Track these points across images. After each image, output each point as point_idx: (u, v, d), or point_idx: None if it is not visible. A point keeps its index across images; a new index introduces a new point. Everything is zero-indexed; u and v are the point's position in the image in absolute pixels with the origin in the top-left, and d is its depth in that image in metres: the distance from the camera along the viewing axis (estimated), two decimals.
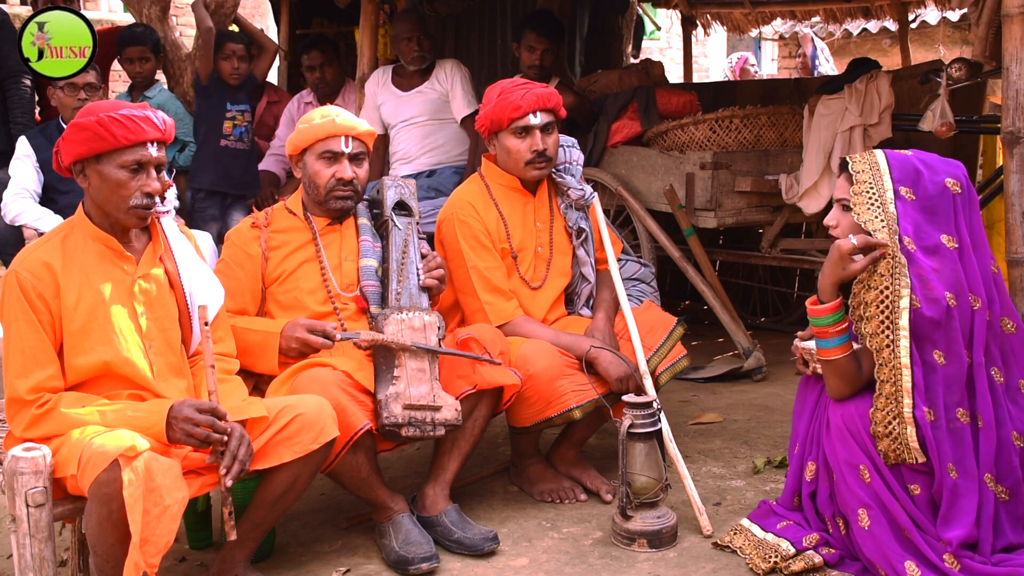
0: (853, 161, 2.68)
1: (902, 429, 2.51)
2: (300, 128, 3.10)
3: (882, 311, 2.55)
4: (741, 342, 4.69)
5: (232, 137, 5.00)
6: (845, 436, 2.60)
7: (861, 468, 2.57)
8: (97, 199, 2.57)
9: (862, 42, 10.31)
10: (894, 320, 2.54)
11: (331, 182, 3.06)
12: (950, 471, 2.51)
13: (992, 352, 2.61)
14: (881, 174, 2.63)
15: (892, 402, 2.53)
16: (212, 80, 4.95)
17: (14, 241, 4.54)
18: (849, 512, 2.61)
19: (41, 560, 2.34)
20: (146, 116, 2.55)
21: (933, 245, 2.58)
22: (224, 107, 4.97)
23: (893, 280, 2.55)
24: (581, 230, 3.46)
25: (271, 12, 7.92)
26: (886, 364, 2.55)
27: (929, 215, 2.60)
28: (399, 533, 2.90)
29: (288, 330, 2.95)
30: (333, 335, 2.92)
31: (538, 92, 3.30)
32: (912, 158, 2.66)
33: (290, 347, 2.95)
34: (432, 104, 4.97)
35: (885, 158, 2.65)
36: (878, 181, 2.62)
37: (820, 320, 2.64)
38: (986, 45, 3.67)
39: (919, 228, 2.59)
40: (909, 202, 2.60)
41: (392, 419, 2.81)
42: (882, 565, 2.54)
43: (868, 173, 2.64)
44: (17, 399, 2.46)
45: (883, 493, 2.55)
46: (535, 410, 3.16)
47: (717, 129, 4.61)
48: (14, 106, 4.89)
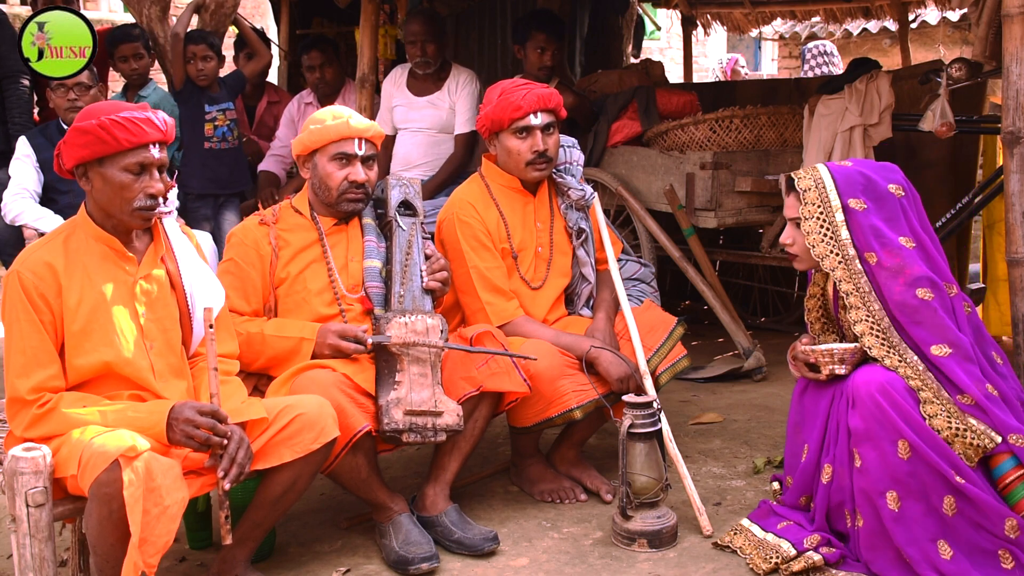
0: (798, 178, 2.77)
1: (962, 422, 2.53)
2: (312, 129, 3.06)
3: (877, 336, 2.65)
4: (741, 342, 4.69)
5: (215, 138, 4.97)
6: (881, 410, 2.58)
7: (900, 443, 2.56)
8: (100, 201, 2.57)
9: (862, 42, 10.31)
10: (890, 339, 2.64)
11: (344, 184, 3.04)
12: (1016, 440, 2.55)
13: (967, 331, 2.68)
14: (827, 191, 2.72)
15: (938, 403, 2.56)
16: (186, 85, 4.94)
17: (14, 241, 4.53)
18: (875, 497, 2.58)
19: (41, 560, 2.34)
20: (147, 118, 2.54)
21: (895, 247, 2.66)
22: (202, 110, 4.94)
23: (868, 307, 2.66)
24: (581, 230, 3.46)
25: (271, 12, 7.92)
26: (910, 377, 2.60)
27: (885, 220, 2.68)
28: (399, 533, 2.90)
29: (320, 336, 2.94)
30: (365, 340, 2.91)
31: (539, 93, 3.30)
32: (855, 168, 2.75)
33: (322, 353, 2.94)
34: (441, 119, 4.95)
35: (829, 173, 2.74)
36: (825, 200, 2.72)
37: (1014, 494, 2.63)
38: (986, 45, 3.67)
39: (881, 234, 2.67)
40: (861, 212, 2.68)
41: (393, 425, 2.80)
42: (911, 550, 2.52)
43: (814, 192, 2.74)
44: (18, 399, 2.45)
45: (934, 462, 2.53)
46: (536, 410, 3.16)
47: (717, 129, 4.61)
48: (13, 106, 4.88)
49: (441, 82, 4.98)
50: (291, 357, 2.95)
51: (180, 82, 4.92)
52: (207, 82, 4.95)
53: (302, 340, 2.95)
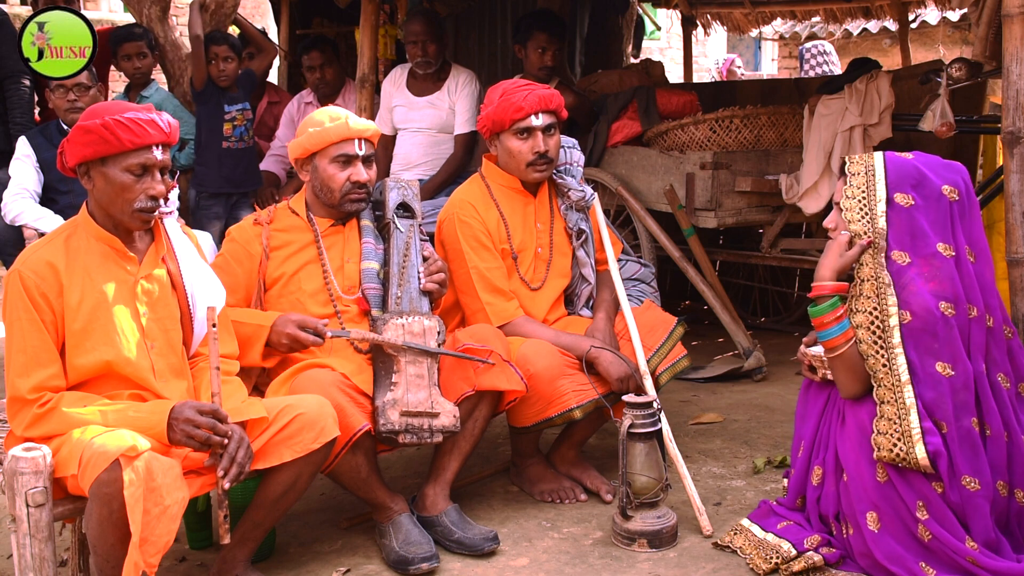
0: (850, 163, 2.68)
1: (909, 448, 2.47)
2: (311, 132, 3.04)
3: (873, 332, 2.56)
4: (741, 342, 4.70)
5: (233, 138, 5.01)
6: (862, 438, 2.58)
7: (878, 468, 2.54)
8: (101, 201, 2.57)
9: (862, 42, 10.31)
10: (887, 339, 2.54)
11: (347, 185, 3.04)
12: (968, 483, 2.48)
13: (996, 357, 2.59)
14: (875, 180, 2.62)
15: (896, 423, 2.50)
16: (206, 85, 4.96)
17: (14, 241, 4.54)
18: (857, 514, 2.59)
19: (41, 560, 2.34)
20: (151, 119, 2.55)
21: (930, 253, 2.57)
22: (222, 109, 4.97)
23: (880, 300, 2.56)
24: (581, 231, 3.46)
25: (271, 12, 7.92)
26: (884, 384, 2.54)
27: (929, 221, 2.59)
28: (399, 533, 2.90)
29: (279, 324, 2.92)
30: (323, 332, 2.91)
31: (540, 94, 3.30)
32: (913, 162, 2.64)
33: (280, 342, 2.92)
34: (440, 119, 4.95)
35: (883, 162, 2.63)
36: (871, 188, 2.62)
37: (821, 308, 2.61)
38: (986, 45, 3.67)
39: (918, 236, 2.57)
40: (906, 208, 2.59)
41: (389, 426, 2.80)
42: (895, 568, 2.52)
43: (862, 177, 2.64)
44: (19, 398, 2.46)
45: (903, 491, 2.51)
46: (535, 410, 3.16)
47: (717, 129, 4.61)
48: (13, 106, 4.89)
49: (441, 82, 4.98)
50: (249, 343, 2.93)
51: (201, 82, 4.94)
52: (228, 82, 4.97)
53: (260, 327, 2.93)
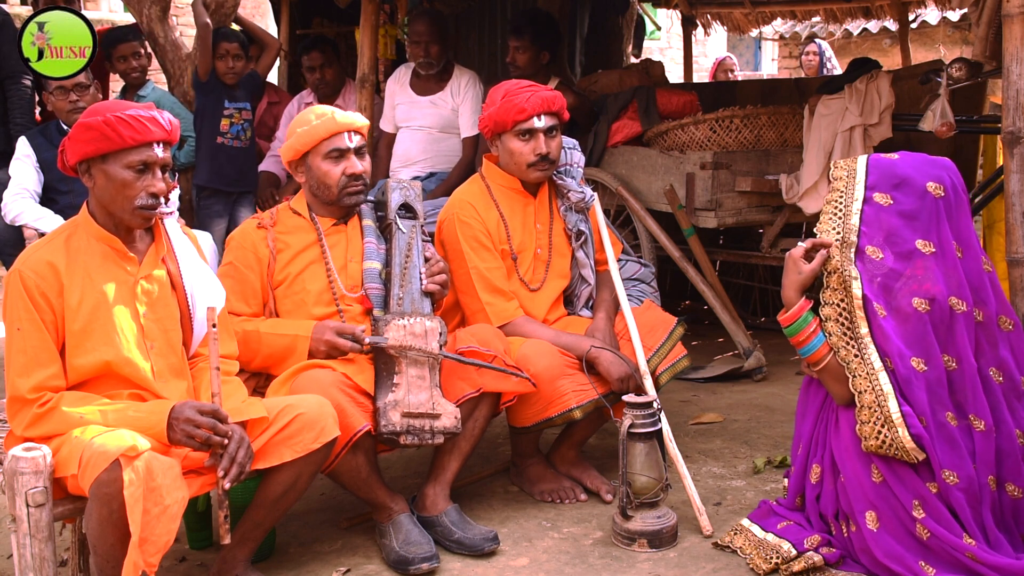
0: (835, 167, 2.73)
1: (893, 433, 2.49)
2: (300, 132, 3.05)
3: (841, 324, 2.61)
4: (741, 342, 4.70)
5: (229, 135, 4.99)
6: (855, 439, 2.58)
7: (873, 468, 2.56)
8: (102, 199, 2.58)
9: (862, 42, 10.31)
10: (855, 330, 2.58)
11: (343, 180, 3.05)
12: (948, 477, 2.50)
13: (986, 351, 2.60)
14: (855, 182, 2.67)
15: (875, 410, 2.52)
16: (211, 77, 4.95)
17: (14, 241, 4.54)
18: (856, 514, 2.60)
19: (41, 560, 2.34)
20: (152, 117, 2.55)
21: (907, 251, 2.59)
22: (222, 104, 4.96)
23: (846, 292, 2.60)
24: (581, 232, 3.46)
25: (271, 12, 7.92)
26: (859, 374, 2.57)
27: (908, 220, 2.61)
28: (399, 533, 2.90)
29: (317, 332, 2.94)
30: (362, 339, 2.91)
31: (543, 95, 3.30)
32: (896, 162, 2.67)
33: (318, 349, 2.94)
34: (443, 118, 4.97)
35: (866, 164, 2.68)
36: (850, 190, 2.67)
37: (792, 328, 2.68)
38: (986, 45, 3.67)
39: (893, 234, 2.61)
40: (884, 207, 2.62)
41: (390, 427, 2.80)
42: (895, 566, 2.52)
43: (844, 180, 2.70)
44: (19, 398, 2.46)
45: (899, 491, 2.52)
46: (535, 410, 3.16)
47: (717, 129, 4.61)
48: (14, 106, 4.88)
49: (444, 83, 5.00)
50: (287, 355, 2.95)
51: (205, 72, 4.92)
52: (234, 80, 4.96)
53: (297, 337, 2.95)
